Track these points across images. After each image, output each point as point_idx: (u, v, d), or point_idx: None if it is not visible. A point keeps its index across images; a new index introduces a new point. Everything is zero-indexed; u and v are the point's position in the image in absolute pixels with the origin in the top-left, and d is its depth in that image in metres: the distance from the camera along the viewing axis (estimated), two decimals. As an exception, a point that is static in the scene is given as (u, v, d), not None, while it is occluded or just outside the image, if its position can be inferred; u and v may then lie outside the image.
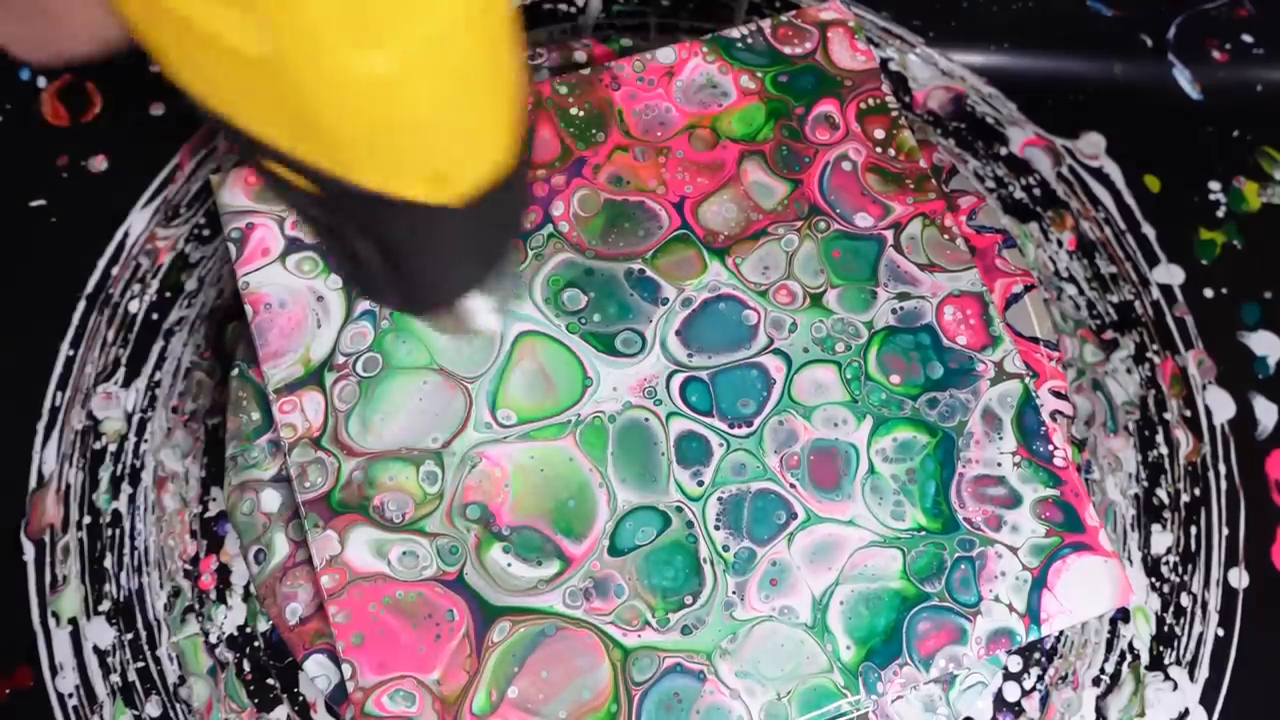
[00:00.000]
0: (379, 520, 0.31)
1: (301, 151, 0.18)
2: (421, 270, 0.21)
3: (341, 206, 0.19)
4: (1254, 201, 0.42)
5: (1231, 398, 0.39)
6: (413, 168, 0.18)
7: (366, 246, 0.21)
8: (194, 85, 0.18)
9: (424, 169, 0.18)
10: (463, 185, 0.19)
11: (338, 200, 0.19)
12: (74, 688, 0.35)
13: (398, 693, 0.29)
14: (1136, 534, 0.38)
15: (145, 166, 0.41)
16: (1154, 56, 0.44)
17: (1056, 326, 0.40)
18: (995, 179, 0.42)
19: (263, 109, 0.17)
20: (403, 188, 0.18)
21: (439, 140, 0.18)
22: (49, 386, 0.38)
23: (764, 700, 0.30)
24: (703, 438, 0.32)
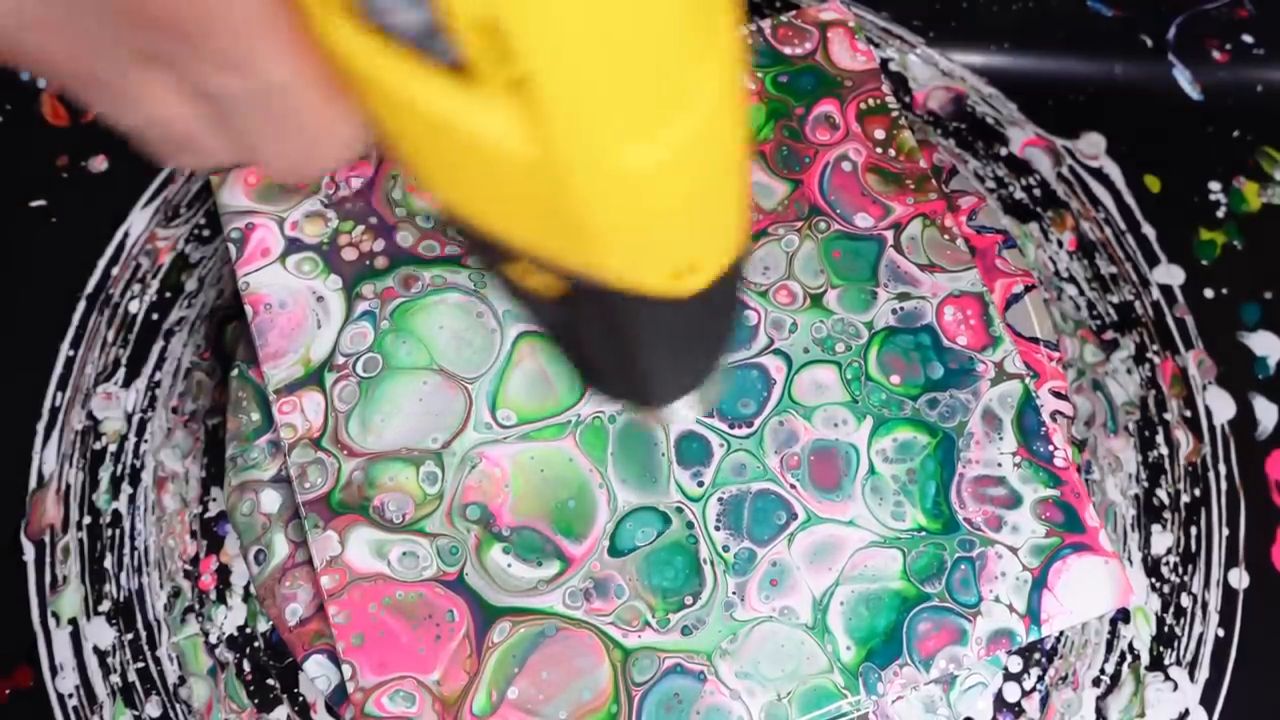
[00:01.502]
0: (379, 521, 0.31)
1: (553, 251, 0.18)
2: (650, 366, 0.22)
3: (583, 304, 0.20)
4: (1254, 201, 0.42)
5: (1231, 398, 0.39)
6: (666, 260, 0.18)
7: (602, 342, 0.21)
8: (444, 193, 0.18)
9: (677, 261, 0.19)
10: (706, 276, 0.19)
11: (581, 298, 0.19)
12: (74, 688, 0.35)
13: (398, 693, 0.29)
14: (1136, 534, 0.38)
15: (145, 166, 0.41)
16: (1154, 56, 0.44)
17: (1056, 327, 0.40)
18: (995, 179, 0.42)
19: (517, 210, 0.17)
20: (652, 280, 0.19)
21: (693, 232, 0.18)
22: (49, 386, 0.38)
23: (764, 701, 0.30)
24: (703, 438, 0.32)
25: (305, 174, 0.19)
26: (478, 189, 0.17)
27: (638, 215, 0.17)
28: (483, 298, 0.33)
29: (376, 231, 0.34)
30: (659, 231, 0.18)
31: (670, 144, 0.16)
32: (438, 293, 0.33)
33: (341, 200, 0.34)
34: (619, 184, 0.16)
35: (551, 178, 0.16)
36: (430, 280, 0.33)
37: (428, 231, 0.34)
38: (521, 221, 0.17)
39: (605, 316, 0.20)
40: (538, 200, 0.16)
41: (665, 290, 0.19)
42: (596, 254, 0.18)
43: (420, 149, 0.17)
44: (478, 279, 0.34)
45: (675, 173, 0.17)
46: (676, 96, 0.16)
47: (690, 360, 0.23)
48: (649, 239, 0.18)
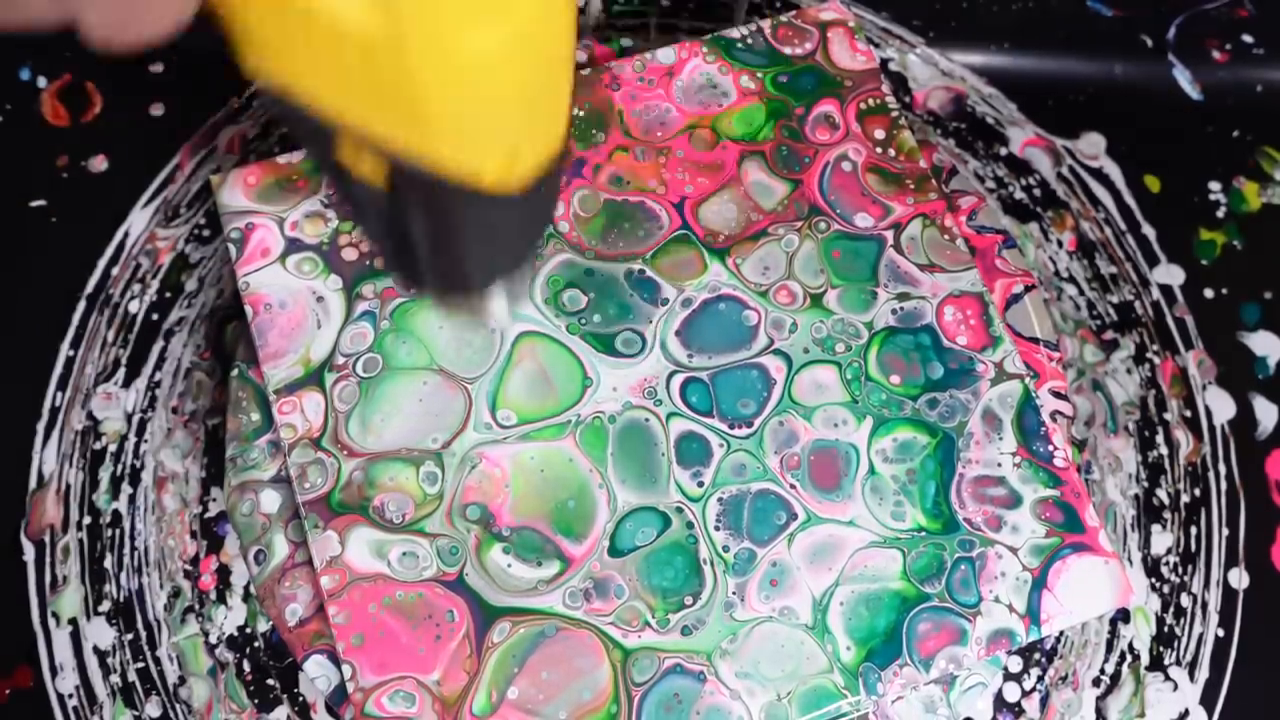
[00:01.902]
0: (379, 521, 0.31)
1: (386, 132, 0.18)
2: (467, 252, 0.22)
3: (407, 190, 0.20)
4: (1254, 201, 0.42)
5: (1231, 398, 0.39)
6: (494, 145, 0.19)
7: (418, 230, 0.21)
8: (277, 68, 0.18)
9: (504, 146, 0.19)
10: (530, 165, 0.20)
11: (405, 184, 0.20)
12: (74, 688, 0.35)
13: (398, 693, 0.29)
14: (1136, 534, 0.38)
15: (145, 166, 0.41)
16: (1154, 56, 0.44)
17: (1056, 327, 0.40)
18: (995, 179, 0.42)
19: (354, 88, 0.17)
20: (480, 165, 0.19)
21: (521, 117, 0.19)
22: (49, 386, 0.38)
23: (764, 701, 0.30)
24: (703, 438, 0.32)
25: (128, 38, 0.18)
26: (316, 65, 0.17)
27: (472, 98, 0.17)
28: (483, 298, 0.33)
29: (376, 231, 0.34)
30: (490, 117, 0.18)
31: (508, 28, 0.16)
32: (438, 293, 0.33)
33: (341, 200, 0.34)
34: (457, 64, 0.16)
35: (392, 54, 0.16)
36: (430, 280, 0.33)
37: (428, 231, 0.34)
38: (358, 100, 0.18)
39: (428, 205, 0.20)
40: (376, 78, 0.17)
41: (492, 176, 0.19)
42: (429, 136, 0.18)
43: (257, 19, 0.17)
44: (478, 279, 0.34)
45: (511, 58, 0.17)
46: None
47: (504, 250, 0.24)
48: (480, 124, 0.18)
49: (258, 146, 0.41)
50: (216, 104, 0.42)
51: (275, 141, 0.41)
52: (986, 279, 0.36)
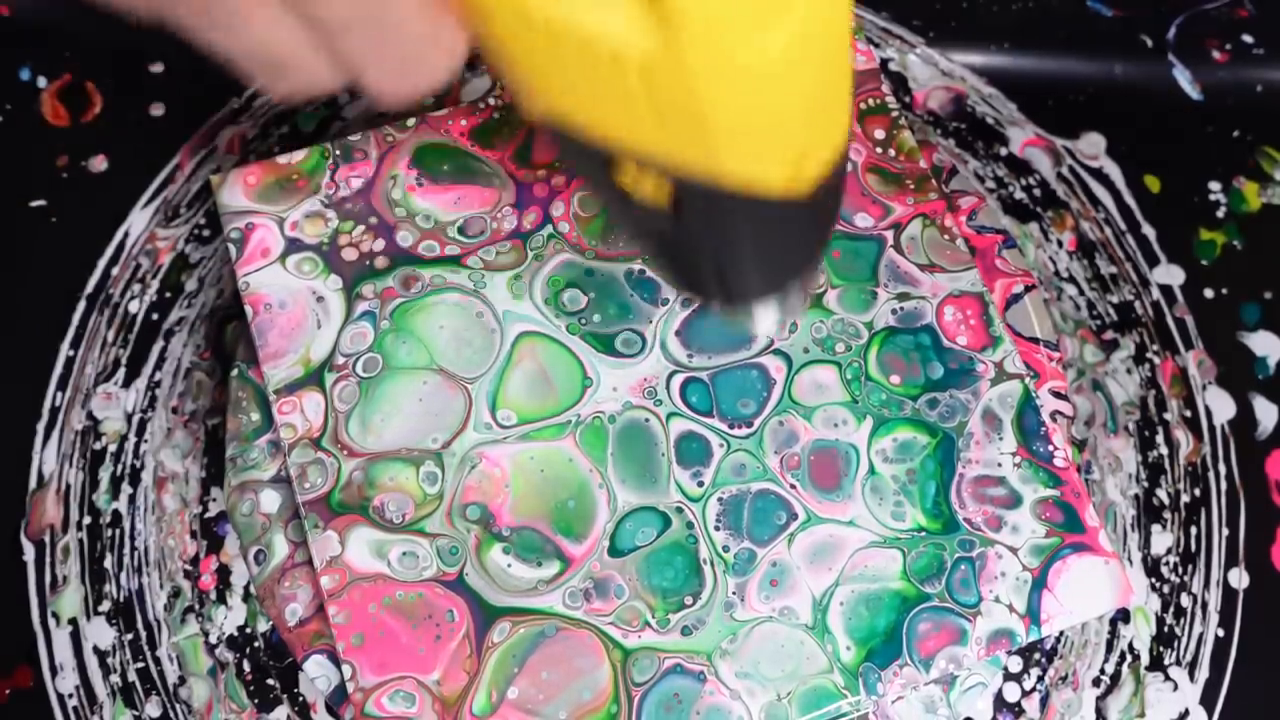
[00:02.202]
0: (379, 521, 0.31)
1: (669, 151, 0.18)
2: (753, 262, 0.22)
3: (692, 207, 0.20)
4: (1254, 201, 0.42)
5: (1231, 398, 0.39)
6: (780, 152, 0.19)
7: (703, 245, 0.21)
8: (554, 102, 0.18)
9: (790, 152, 0.19)
10: (815, 169, 0.19)
11: (690, 201, 0.19)
12: (74, 688, 0.35)
13: (398, 693, 0.29)
14: (1136, 534, 0.38)
15: (145, 166, 0.41)
16: (1154, 56, 0.44)
17: (1056, 327, 0.40)
18: (995, 179, 0.42)
19: (632, 112, 0.17)
20: (767, 173, 0.19)
21: (807, 125, 0.19)
22: (49, 386, 0.38)
23: (764, 701, 0.30)
24: (703, 438, 0.32)
25: (408, 92, 0.19)
26: (592, 93, 0.17)
27: (757, 107, 0.17)
28: (483, 298, 0.33)
29: (376, 231, 0.34)
30: (775, 124, 0.18)
31: (788, 32, 0.16)
32: (437, 293, 0.33)
33: (341, 200, 0.34)
34: (740, 75, 0.16)
35: (673, 73, 0.16)
36: (430, 280, 0.33)
37: (428, 231, 0.34)
38: (636, 124, 0.18)
39: (714, 220, 0.20)
40: (656, 99, 0.17)
41: (780, 184, 0.19)
42: (716, 150, 0.18)
43: (533, 56, 0.17)
44: (477, 279, 0.34)
45: (792, 62, 0.17)
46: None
47: (789, 258, 0.23)
48: (765, 132, 0.18)
49: (258, 146, 0.41)
50: (216, 104, 0.42)
51: (275, 141, 0.41)
52: (986, 279, 0.36)
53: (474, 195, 0.35)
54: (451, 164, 0.35)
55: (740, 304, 0.25)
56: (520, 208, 0.35)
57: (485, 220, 0.34)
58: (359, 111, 0.42)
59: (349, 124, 0.41)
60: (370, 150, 0.35)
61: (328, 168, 0.35)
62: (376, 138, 0.35)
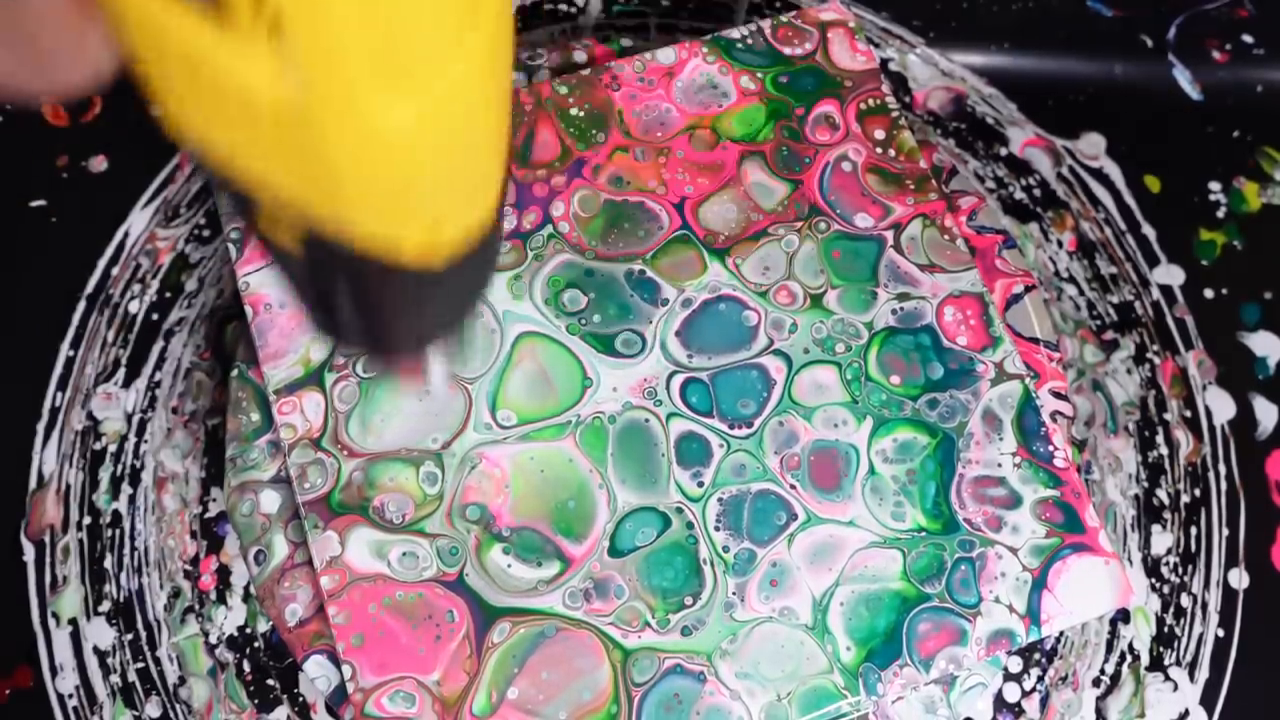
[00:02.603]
0: (379, 521, 0.31)
1: (302, 200, 0.18)
2: (394, 321, 0.22)
3: (327, 259, 0.19)
4: (1254, 201, 0.42)
5: (1231, 398, 0.39)
6: (413, 218, 0.18)
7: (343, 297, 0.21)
8: (192, 131, 0.17)
9: (423, 220, 0.18)
10: (454, 238, 0.19)
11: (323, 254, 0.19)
12: (74, 688, 0.35)
13: (398, 694, 0.29)
14: (1136, 534, 0.38)
15: (145, 166, 0.41)
16: (1154, 56, 0.44)
17: (1056, 327, 0.40)
18: (995, 179, 0.42)
19: (268, 156, 0.17)
20: (398, 239, 0.18)
21: (442, 191, 0.18)
22: (49, 386, 0.38)
23: (764, 701, 0.30)
24: (703, 438, 0.32)
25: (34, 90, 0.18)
26: (230, 131, 0.16)
27: (387, 171, 0.17)
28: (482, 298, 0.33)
29: (376, 232, 0.34)
30: (404, 185, 0.17)
31: (424, 102, 0.16)
32: (438, 293, 0.33)
33: (341, 200, 0.34)
34: (368, 137, 0.16)
35: (304, 124, 0.15)
36: (430, 280, 0.33)
37: (428, 232, 0.34)
38: (272, 166, 0.17)
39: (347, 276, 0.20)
40: (289, 146, 0.16)
41: (414, 248, 0.18)
42: (345, 208, 0.17)
43: (172, 83, 0.16)
44: (478, 279, 0.34)
45: (428, 131, 0.16)
46: (436, 60, 0.15)
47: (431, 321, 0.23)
48: (397, 196, 0.17)
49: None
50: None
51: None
52: (986, 279, 0.36)
53: (474, 195, 0.35)
54: (451, 164, 0.35)
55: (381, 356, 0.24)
56: (520, 208, 0.35)
57: (485, 220, 0.34)
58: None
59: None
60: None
61: (328, 168, 0.34)
62: (376, 138, 0.35)
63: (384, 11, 0.14)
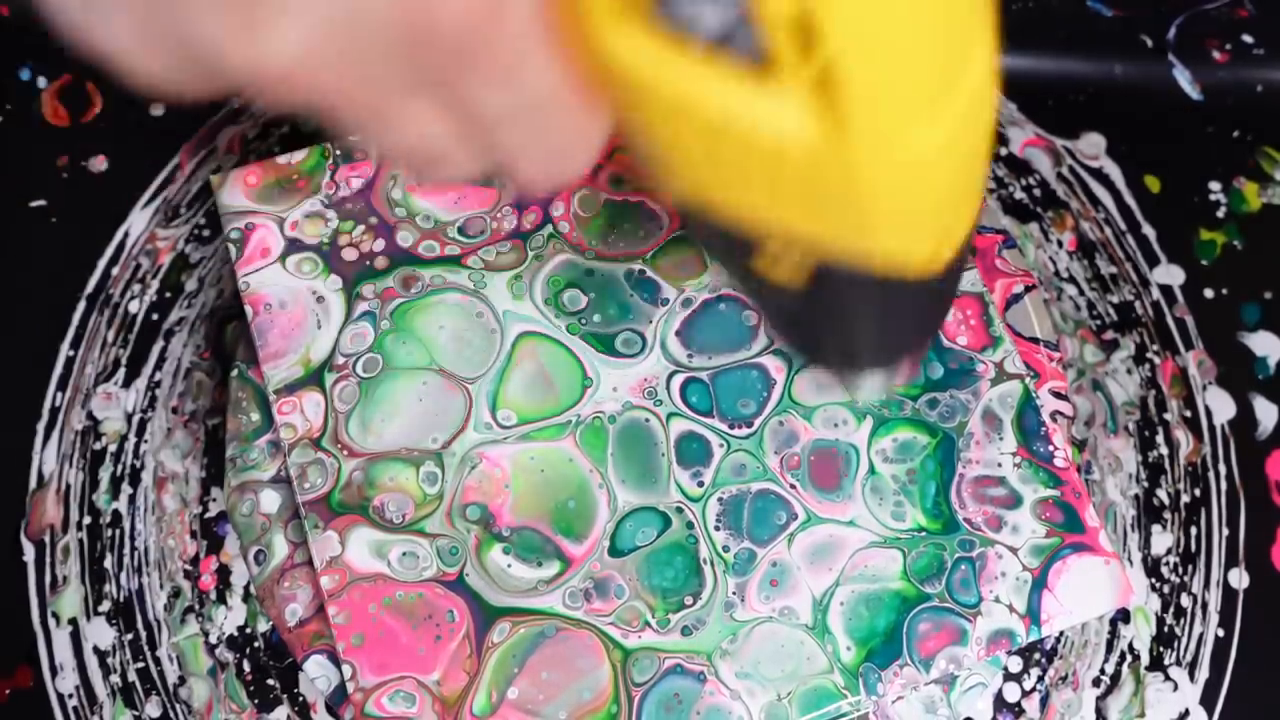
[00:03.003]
0: (379, 521, 0.31)
1: (821, 233, 0.18)
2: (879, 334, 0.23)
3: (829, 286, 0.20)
4: (1254, 201, 0.42)
5: (1231, 398, 0.39)
6: (927, 234, 0.19)
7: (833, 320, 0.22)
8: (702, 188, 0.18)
9: (935, 234, 0.20)
10: (952, 249, 0.20)
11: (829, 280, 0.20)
12: (74, 688, 0.35)
13: (398, 693, 0.29)
14: (1137, 534, 0.38)
15: (145, 166, 0.41)
16: (1154, 56, 0.44)
17: (1056, 327, 0.40)
18: (995, 179, 0.42)
19: (789, 199, 0.17)
20: (911, 254, 0.19)
21: (951, 206, 0.19)
22: (49, 386, 0.38)
23: (764, 701, 0.30)
24: (703, 438, 0.32)
25: (554, 183, 0.19)
26: (743, 180, 0.17)
27: (913, 195, 0.18)
28: (483, 298, 0.33)
29: (376, 231, 0.34)
30: (927, 209, 0.19)
31: (949, 123, 0.17)
32: (438, 293, 0.33)
33: (341, 200, 0.34)
34: (901, 164, 0.17)
35: (839, 164, 0.16)
36: (430, 280, 0.33)
37: (428, 231, 0.34)
38: (786, 210, 0.18)
39: (847, 298, 0.21)
40: (813, 188, 0.17)
41: (918, 268, 0.20)
42: (868, 234, 0.18)
43: (682, 144, 0.17)
44: (477, 279, 0.34)
45: (951, 151, 0.17)
46: (953, 77, 0.16)
47: (910, 333, 0.25)
48: (918, 216, 0.19)
49: (258, 146, 0.41)
50: (217, 104, 0.42)
51: (275, 141, 0.41)
52: (986, 279, 0.36)
53: (474, 195, 0.35)
54: (451, 164, 0.35)
55: (859, 372, 0.26)
56: (520, 207, 0.35)
57: (485, 220, 0.34)
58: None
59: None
60: (370, 150, 0.35)
61: (328, 168, 0.35)
62: (376, 138, 0.35)
63: (917, 45, 0.15)
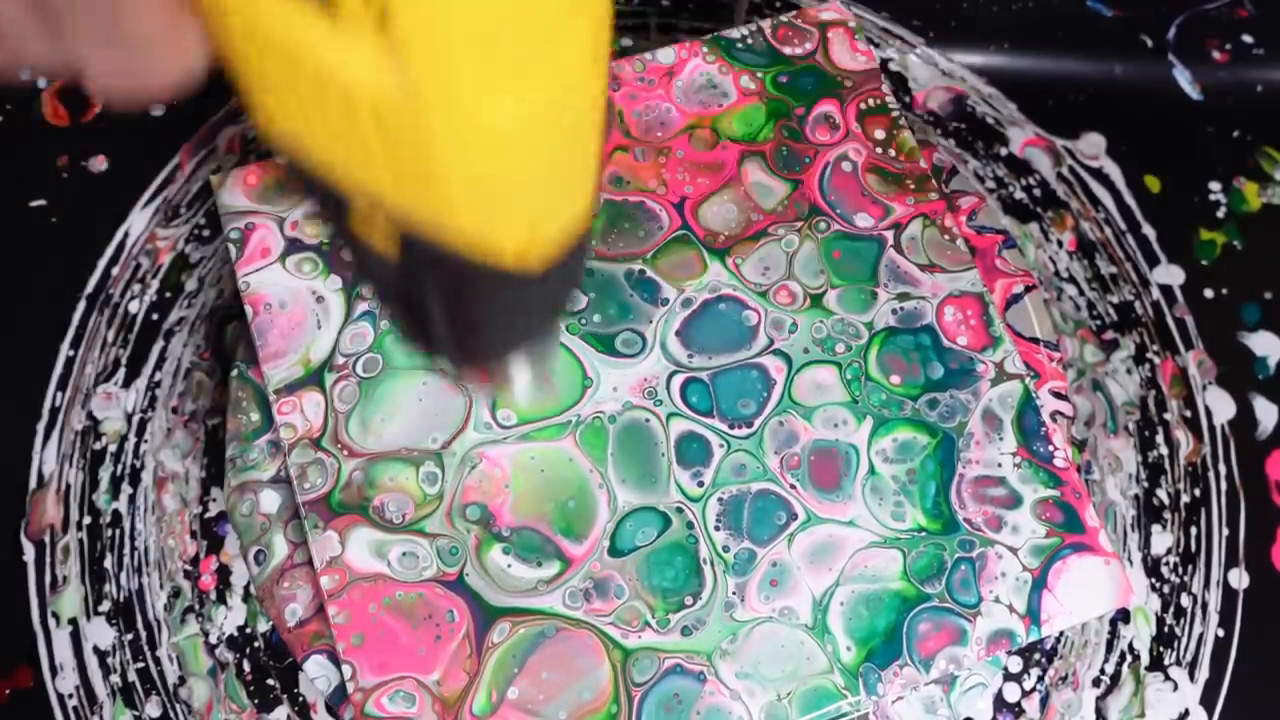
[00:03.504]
0: (379, 521, 0.31)
1: (401, 202, 0.18)
2: (487, 324, 0.22)
3: (420, 262, 0.19)
4: (1254, 201, 0.42)
5: (1231, 398, 0.39)
6: (514, 219, 0.18)
7: (431, 301, 0.21)
8: (288, 130, 0.17)
9: (524, 220, 0.18)
10: (552, 240, 0.19)
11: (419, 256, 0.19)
12: (74, 688, 0.35)
13: (398, 693, 0.29)
14: (1137, 534, 0.38)
15: (145, 166, 0.41)
16: (1154, 56, 0.44)
17: (1057, 327, 0.40)
18: (995, 179, 0.42)
19: (370, 155, 0.17)
20: (499, 240, 0.18)
21: (544, 191, 0.18)
22: (49, 386, 0.38)
23: (764, 701, 0.30)
24: (703, 438, 0.32)
25: (133, 92, 0.18)
26: (329, 129, 0.17)
27: (491, 170, 0.17)
28: (483, 298, 0.33)
29: (376, 231, 0.34)
30: (508, 190, 0.17)
31: (530, 100, 0.16)
32: (438, 293, 0.33)
33: (341, 200, 0.34)
34: (475, 136, 0.16)
35: (407, 122, 0.15)
36: (430, 280, 0.33)
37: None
38: (372, 167, 0.17)
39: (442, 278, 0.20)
40: (391, 145, 0.16)
41: (511, 250, 0.18)
42: (447, 208, 0.17)
43: (268, 78, 0.16)
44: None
45: (533, 130, 0.16)
46: (541, 55, 0.15)
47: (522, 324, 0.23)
48: (501, 196, 0.17)
49: (258, 146, 0.41)
50: (216, 104, 0.42)
51: (275, 141, 0.41)
52: (986, 279, 0.36)
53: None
54: (451, 164, 0.35)
55: (467, 365, 0.24)
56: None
57: (485, 220, 0.34)
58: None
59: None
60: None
61: (328, 168, 0.34)
62: (376, 138, 0.35)
63: (491, 7, 0.14)
